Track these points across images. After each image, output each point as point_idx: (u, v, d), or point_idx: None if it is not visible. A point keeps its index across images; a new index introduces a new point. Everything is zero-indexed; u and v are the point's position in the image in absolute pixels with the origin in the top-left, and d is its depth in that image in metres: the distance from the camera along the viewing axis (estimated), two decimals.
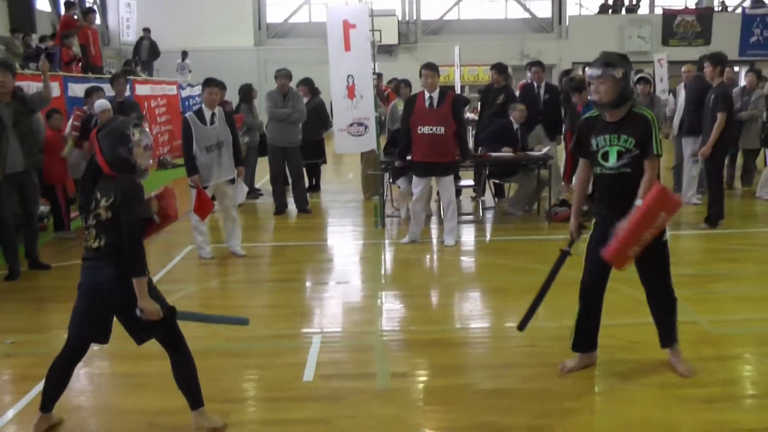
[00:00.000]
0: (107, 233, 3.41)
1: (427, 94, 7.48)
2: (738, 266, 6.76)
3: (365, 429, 3.69)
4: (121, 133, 3.38)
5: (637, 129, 3.96)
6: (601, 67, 3.92)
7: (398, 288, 6.33)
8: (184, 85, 19.02)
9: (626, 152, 3.97)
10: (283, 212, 9.72)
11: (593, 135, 4.10)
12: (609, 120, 4.03)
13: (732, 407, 3.90)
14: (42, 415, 3.68)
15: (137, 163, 3.42)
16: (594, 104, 4.08)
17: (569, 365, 4.35)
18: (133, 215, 3.37)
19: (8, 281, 6.62)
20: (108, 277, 3.42)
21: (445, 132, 7.38)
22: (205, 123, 6.93)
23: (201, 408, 3.66)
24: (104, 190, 3.41)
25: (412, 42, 26.03)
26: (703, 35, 25.53)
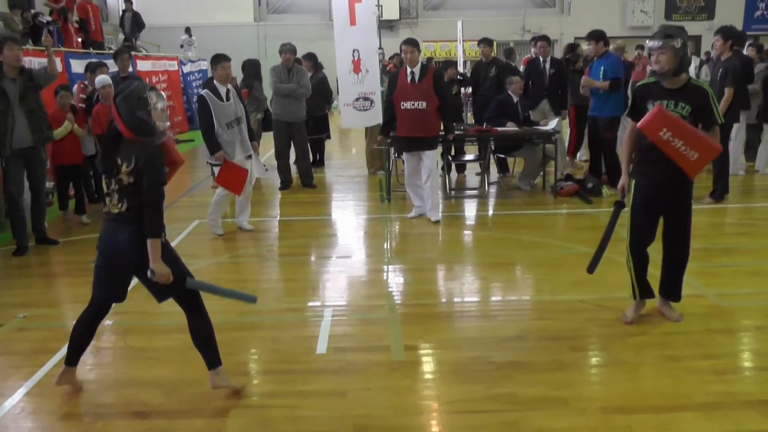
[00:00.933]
0: (129, 198, 3.49)
1: (408, 69, 7.47)
2: (744, 240, 6.78)
3: (382, 401, 3.73)
4: (138, 97, 3.47)
5: (695, 99, 4.26)
6: (661, 38, 4.21)
7: (406, 262, 6.35)
8: (185, 61, 18.91)
9: (684, 119, 4.24)
10: (288, 187, 9.72)
11: (650, 99, 4.35)
12: (668, 87, 4.31)
13: (742, 379, 3.94)
14: (66, 368, 3.82)
15: (156, 125, 3.50)
16: (654, 74, 4.36)
17: (630, 315, 4.71)
18: (154, 178, 3.46)
19: (16, 256, 6.64)
20: (127, 239, 3.51)
21: (427, 107, 7.39)
22: (222, 99, 6.89)
23: (218, 367, 3.77)
24: (125, 155, 3.48)
25: (413, 17, 25.83)
26: (707, 9, 25.33)
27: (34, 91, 6.63)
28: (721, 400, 3.65)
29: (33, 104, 6.59)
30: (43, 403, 3.82)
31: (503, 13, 25.58)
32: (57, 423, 3.61)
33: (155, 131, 3.52)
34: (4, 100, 6.39)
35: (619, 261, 5.41)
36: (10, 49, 6.41)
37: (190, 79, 18.82)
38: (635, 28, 24.78)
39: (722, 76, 7.86)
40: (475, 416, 3.56)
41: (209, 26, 24.13)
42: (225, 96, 6.91)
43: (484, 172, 9.37)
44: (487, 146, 9.25)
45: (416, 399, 3.77)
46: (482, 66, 10.18)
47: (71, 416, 3.67)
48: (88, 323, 3.79)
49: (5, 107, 6.38)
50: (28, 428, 3.59)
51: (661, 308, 4.81)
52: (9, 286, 5.91)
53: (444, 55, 23.67)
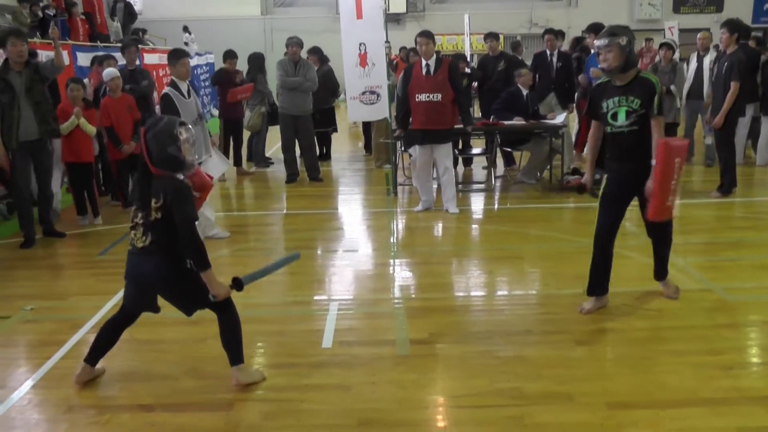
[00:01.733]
0: (154, 232, 3.56)
1: (423, 61, 7.46)
2: (752, 234, 6.74)
3: (387, 394, 3.73)
4: (169, 133, 3.54)
5: (643, 91, 4.44)
6: (607, 36, 4.43)
7: (412, 255, 6.35)
8: (192, 55, 18.90)
9: (633, 112, 4.47)
10: (294, 181, 9.72)
11: (604, 99, 4.59)
12: (618, 84, 4.53)
13: (749, 374, 3.92)
14: (85, 365, 3.89)
15: (186, 159, 3.58)
16: (603, 71, 4.59)
17: (587, 307, 4.77)
18: (186, 212, 3.51)
19: (24, 248, 6.67)
20: (152, 270, 3.61)
21: (442, 99, 7.38)
22: (185, 96, 6.55)
23: (242, 364, 3.83)
24: (155, 191, 3.53)
25: (420, 10, 25.77)
26: (715, 2, 25.20)
27: (41, 83, 6.63)
28: (727, 396, 3.63)
29: (39, 97, 6.59)
30: (50, 395, 3.84)
31: (510, 6, 25.51)
32: (63, 415, 3.62)
33: (185, 165, 3.60)
34: (10, 93, 6.40)
35: (625, 254, 5.42)
36: (14, 45, 6.41)
37: (198, 73, 18.82)
38: (643, 21, 24.68)
39: (728, 69, 7.81)
40: (479, 411, 3.55)
41: (216, 19, 24.15)
42: (186, 93, 6.59)
43: (491, 165, 9.34)
44: (494, 140, 9.22)
45: (421, 393, 3.77)
46: (489, 60, 10.15)
47: (78, 408, 3.68)
48: (114, 327, 3.88)
49: (11, 100, 6.40)
50: (34, 420, 3.60)
51: (661, 287, 5.04)
52: (16, 278, 5.93)
53: (451, 49, 23.59)
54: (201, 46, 20.55)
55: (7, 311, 5.08)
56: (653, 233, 4.88)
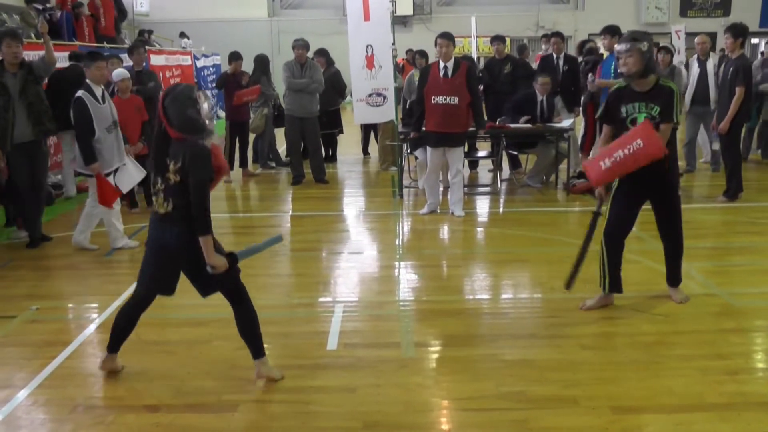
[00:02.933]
0: (175, 197, 3.55)
1: (441, 63, 7.45)
2: (758, 239, 6.71)
3: (391, 397, 3.72)
4: (188, 96, 3.53)
5: (663, 99, 4.45)
6: (628, 41, 4.43)
7: (417, 258, 6.34)
8: (199, 56, 18.96)
9: (653, 119, 4.44)
10: (300, 182, 9.73)
11: (623, 103, 4.57)
12: (638, 90, 4.51)
13: (756, 379, 3.91)
14: (108, 354, 3.94)
15: (206, 122, 3.55)
16: (622, 75, 4.57)
17: (588, 303, 4.85)
18: (202, 176, 3.50)
19: (29, 249, 6.70)
20: (175, 237, 3.58)
21: (459, 102, 7.37)
22: (99, 101, 6.27)
23: (263, 357, 3.86)
24: (173, 154, 3.53)
25: (427, 13, 25.75)
26: (723, 6, 25.12)
27: (35, 83, 6.60)
28: (733, 401, 3.62)
29: (33, 97, 6.54)
30: (56, 394, 3.85)
31: (517, 9, 25.48)
32: (69, 415, 3.62)
33: (205, 128, 3.57)
34: (5, 96, 6.35)
35: (633, 259, 5.41)
36: (8, 46, 6.38)
37: (204, 74, 18.88)
38: (649, 25, 24.60)
39: (733, 74, 7.77)
40: (484, 414, 3.55)
41: (223, 21, 24.19)
42: (101, 98, 6.32)
43: (497, 168, 9.34)
44: (500, 143, 9.22)
45: (426, 396, 3.77)
46: (496, 63, 10.16)
47: (83, 409, 3.68)
48: (129, 313, 3.88)
49: (6, 102, 6.34)
50: (40, 420, 3.61)
51: (670, 292, 5.01)
52: (22, 278, 5.95)
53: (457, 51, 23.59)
54: (208, 47, 20.61)
55: (13, 311, 5.09)
56: (663, 235, 4.88)
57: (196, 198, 3.49)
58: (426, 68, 7.81)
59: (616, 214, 4.71)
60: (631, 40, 4.42)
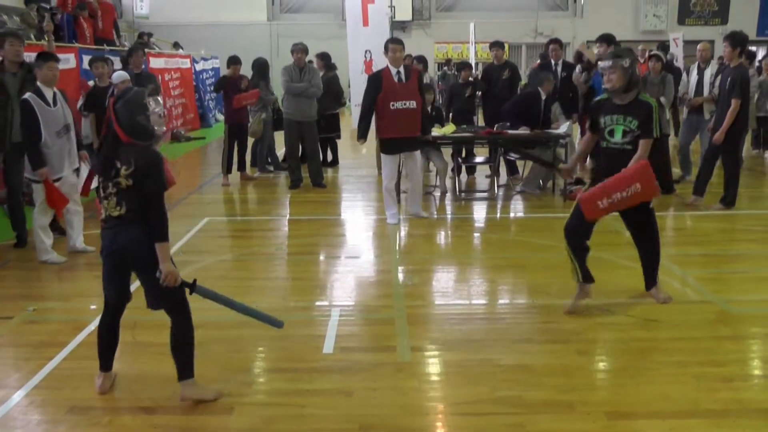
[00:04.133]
0: (128, 200, 3.54)
1: (393, 69, 7.36)
2: (754, 246, 6.74)
3: (388, 401, 3.73)
4: (138, 102, 3.55)
5: (641, 113, 4.64)
6: (611, 58, 4.65)
7: (414, 263, 6.35)
8: (198, 59, 18.98)
9: (630, 132, 4.67)
10: (298, 187, 9.73)
11: (602, 115, 4.80)
12: (618, 103, 4.73)
13: (751, 386, 3.91)
14: (104, 374, 3.88)
15: (154, 129, 3.59)
16: (606, 91, 4.78)
17: (569, 305, 4.94)
18: (156, 183, 3.52)
19: (17, 248, 6.73)
20: (130, 239, 3.56)
21: (416, 106, 7.38)
22: (49, 104, 6.08)
23: (190, 379, 3.74)
24: (124, 158, 3.52)
25: (426, 18, 25.85)
26: (721, 14, 25.23)
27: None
28: (728, 408, 3.63)
29: None
30: (52, 396, 3.85)
31: (516, 15, 25.57)
32: (65, 416, 3.63)
33: (153, 135, 3.60)
34: (3, 95, 6.38)
35: (626, 265, 5.44)
36: (11, 45, 6.45)
37: (203, 77, 18.89)
38: (648, 32, 24.72)
39: (730, 85, 7.75)
40: (480, 418, 3.56)
41: (222, 24, 24.25)
42: (52, 101, 6.11)
43: (494, 174, 9.36)
44: (497, 149, 9.24)
45: (422, 400, 3.78)
46: (494, 68, 10.18)
47: (79, 410, 3.68)
48: (108, 326, 3.84)
49: (5, 102, 6.37)
50: (36, 421, 3.61)
51: (650, 293, 5.12)
52: (18, 278, 5.95)
53: (456, 57, 23.67)
54: (207, 51, 20.63)
55: (9, 312, 5.09)
56: (640, 243, 5.03)
57: (154, 203, 3.51)
58: (377, 75, 7.55)
59: (577, 214, 4.79)
60: (613, 57, 4.64)
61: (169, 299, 3.69)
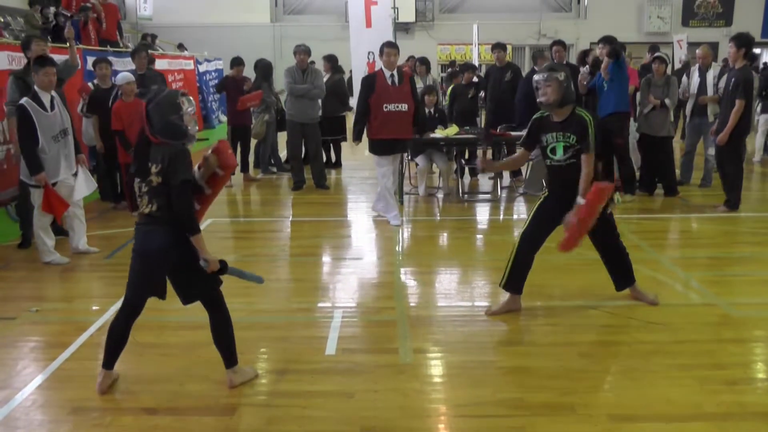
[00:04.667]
0: (158, 198, 3.59)
1: (387, 72, 7.46)
2: (758, 249, 6.71)
3: (389, 403, 3.73)
4: (171, 102, 3.58)
5: (578, 128, 4.63)
6: (546, 71, 4.61)
7: (417, 264, 6.35)
8: (201, 60, 19.00)
9: (570, 147, 4.68)
10: (301, 188, 9.73)
11: (543, 133, 4.79)
12: (555, 120, 4.72)
13: (754, 389, 3.91)
14: (105, 372, 3.88)
15: (188, 128, 3.62)
16: (541, 104, 4.71)
17: (494, 309, 4.97)
18: (180, 177, 3.54)
19: (21, 248, 6.75)
20: (160, 240, 3.61)
21: (408, 109, 7.47)
22: (46, 109, 6.04)
23: (235, 366, 3.88)
24: (154, 157, 3.58)
25: (429, 20, 25.85)
26: (725, 16, 25.19)
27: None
28: (731, 411, 3.62)
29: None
30: (54, 396, 3.86)
31: (519, 17, 25.56)
32: (67, 417, 3.63)
33: (187, 134, 3.63)
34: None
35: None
36: (38, 45, 6.63)
37: (207, 78, 18.90)
38: (651, 34, 24.67)
39: (734, 86, 7.75)
40: (481, 420, 3.56)
41: (226, 26, 24.28)
42: (49, 105, 6.07)
43: (497, 176, 9.35)
44: (501, 150, 9.24)
45: (423, 402, 3.77)
46: (496, 70, 10.17)
47: (81, 410, 3.69)
48: (122, 326, 3.83)
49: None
50: (38, 421, 3.62)
51: (636, 295, 5.11)
52: (23, 279, 5.96)
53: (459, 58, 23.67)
54: (210, 52, 20.67)
55: (13, 312, 5.10)
56: (601, 246, 5.02)
57: (178, 199, 3.54)
58: (371, 77, 7.66)
59: (535, 226, 4.84)
60: (548, 70, 4.61)
61: (204, 295, 3.79)
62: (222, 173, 3.84)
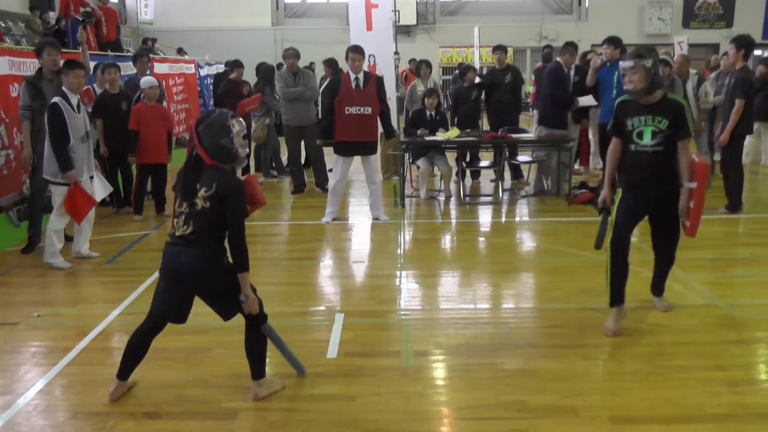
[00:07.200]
0: (196, 221, 3.53)
1: (352, 75, 7.58)
2: (760, 250, 6.70)
3: (391, 406, 3.73)
4: (222, 124, 3.54)
5: (671, 112, 4.42)
6: (633, 59, 4.40)
7: (418, 267, 6.35)
8: (203, 64, 19.00)
9: (659, 132, 4.44)
10: (301, 191, 9.74)
11: (628, 117, 4.54)
12: (643, 103, 4.48)
13: (755, 391, 3.89)
14: (119, 382, 3.85)
15: (238, 151, 3.58)
16: (628, 92, 4.50)
17: (612, 327, 4.66)
18: (235, 210, 3.51)
19: (25, 253, 6.75)
20: (191, 263, 3.55)
21: (372, 112, 7.54)
22: (74, 110, 6.23)
23: (262, 379, 3.84)
24: (206, 180, 3.52)
25: (431, 23, 25.89)
26: (725, 17, 25.20)
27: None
28: (732, 412, 3.61)
29: None
30: (56, 401, 3.87)
31: (520, 19, 25.60)
32: (68, 422, 3.64)
33: (237, 157, 3.60)
34: (41, 101, 6.54)
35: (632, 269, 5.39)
36: (49, 54, 6.64)
37: (207, 83, 18.90)
38: (652, 36, 24.71)
39: (733, 87, 7.81)
40: (484, 423, 3.55)
41: (227, 30, 24.30)
42: (76, 107, 6.26)
43: (499, 178, 9.36)
44: (502, 153, 9.24)
45: (426, 405, 3.77)
46: (497, 72, 10.17)
47: (83, 415, 3.69)
48: (142, 338, 3.81)
49: (41, 107, 6.52)
50: (39, 426, 3.62)
51: (655, 302, 5.08)
52: (24, 284, 5.97)
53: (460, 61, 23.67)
54: (211, 56, 20.67)
55: (14, 318, 5.11)
56: (661, 246, 4.92)
57: (236, 235, 3.51)
58: (335, 80, 7.92)
59: (621, 227, 4.62)
60: (635, 57, 4.39)
61: (240, 308, 3.73)
62: (248, 208, 3.75)
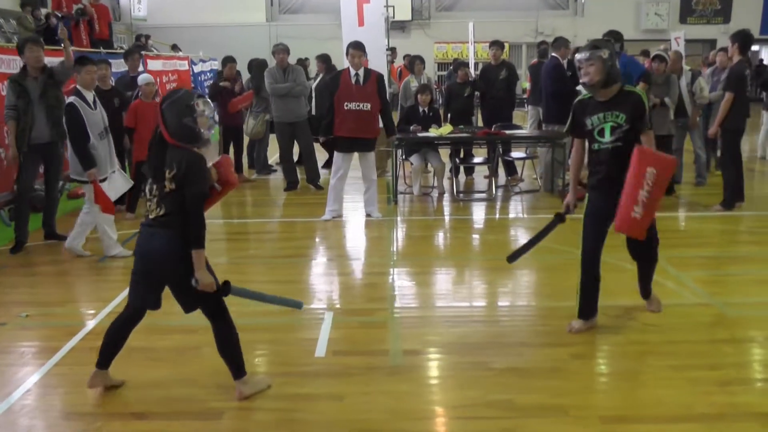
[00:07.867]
0: (168, 203, 3.51)
1: (353, 71, 7.56)
2: (754, 248, 6.69)
3: (379, 405, 3.70)
4: (186, 104, 3.48)
5: (628, 105, 4.28)
6: (589, 50, 4.26)
7: (410, 265, 6.32)
8: (197, 61, 18.93)
9: (618, 127, 4.29)
10: (294, 188, 9.69)
11: (587, 115, 4.40)
12: (600, 100, 4.35)
13: (746, 390, 3.87)
14: (97, 371, 3.83)
15: (201, 132, 3.52)
16: (584, 86, 4.35)
17: (576, 326, 4.60)
18: (198, 188, 3.47)
19: (13, 253, 6.69)
20: (163, 246, 3.53)
21: (371, 109, 7.53)
22: (91, 107, 6.24)
23: (244, 377, 3.77)
24: (169, 161, 3.48)
25: (425, 18, 25.82)
26: (723, 13, 25.15)
27: (55, 87, 6.73)
28: (723, 412, 3.59)
29: (53, 101, 6.67)
30: (44, 402, 3.84)
31: (516, 14, 25.53)
32: (56, 422, 3.61)
33: (200, 138, 3.54)
34: (25, 99, 6.50)
35: (623, 267, 5.39)
36: (31, 51, 6.57)
37: (201, 79, 18.84)
38: (649, 31, 24.68)
39: (726, 80, 7.87)
40: (473, 422, 3.53)
41: (222, 26, 24.22)
42: (92, 103, 6.28)
43: (492, 175, 9.33)
44: (496, 149, 9.21)
45: (414, 404, 3.74)
46: (492, 68, 10.13)
47: (71, 415, 3.67)
48: (121, 328, 3.80)
49: (26, 105, 6.50)
50: (27, 426, 3.59)
51: (647, 305, 4.97)
52: (13, 284, 5.92)
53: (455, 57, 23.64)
54: (206, 52, 20.61)
55: (3, 318, 5.07)
56: (635, 251, 4.74)
57: (193, 208, 3.46)
58: (336, 75, 7.89)
59: (589, 239, 4.50)
60: (591, 48, 4.25)
61: (206, 306, 3.68)
62: (219, 189, 3.73)
